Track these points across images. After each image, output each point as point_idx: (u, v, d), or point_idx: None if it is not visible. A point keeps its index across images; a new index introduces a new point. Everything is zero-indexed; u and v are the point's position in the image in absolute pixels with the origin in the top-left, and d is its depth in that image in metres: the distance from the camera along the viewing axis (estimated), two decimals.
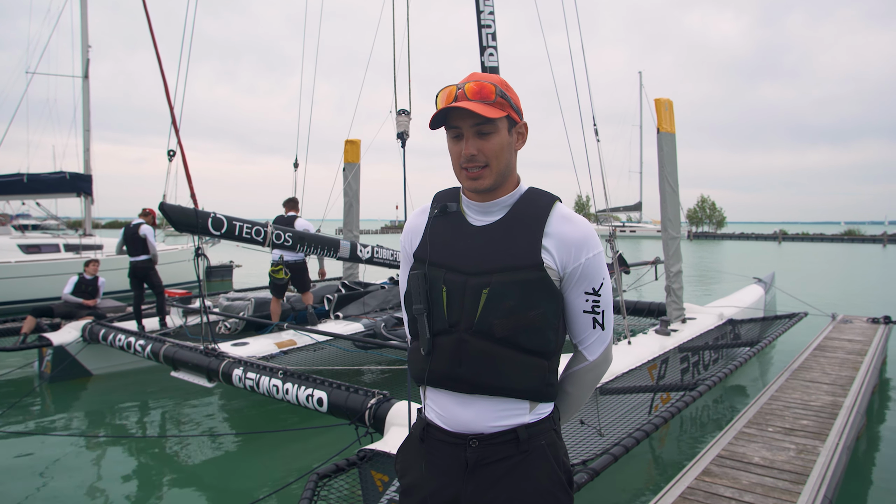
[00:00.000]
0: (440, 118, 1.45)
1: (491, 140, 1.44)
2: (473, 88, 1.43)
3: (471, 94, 1.42)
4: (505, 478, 1.44)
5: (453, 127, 1.46)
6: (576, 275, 1.46)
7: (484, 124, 1.43)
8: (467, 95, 1.43)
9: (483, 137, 1.44)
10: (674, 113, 7.03)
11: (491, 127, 1.43)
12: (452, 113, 1.43)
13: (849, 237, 54.92)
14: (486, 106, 1.42)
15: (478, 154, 1.43)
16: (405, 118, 3.38)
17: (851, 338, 7.22)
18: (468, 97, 1.42)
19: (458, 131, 1.45)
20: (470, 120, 1.43)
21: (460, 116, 1.43)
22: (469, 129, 1.44)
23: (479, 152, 1.44)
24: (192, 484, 4.58)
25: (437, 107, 1.47)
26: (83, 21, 15.40)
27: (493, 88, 1.43)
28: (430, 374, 1.49)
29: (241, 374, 5.12)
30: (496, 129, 1.44)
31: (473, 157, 1.44)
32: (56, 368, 6.96)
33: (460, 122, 1.44)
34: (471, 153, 1.43)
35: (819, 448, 3.79)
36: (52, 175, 14.34)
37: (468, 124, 1.43)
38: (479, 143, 1.43)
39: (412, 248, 1.59)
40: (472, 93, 1.43)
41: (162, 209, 6.10)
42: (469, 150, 1.43)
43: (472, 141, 1.43)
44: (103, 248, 14.00)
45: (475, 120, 1.42)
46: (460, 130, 1.45)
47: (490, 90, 1.43)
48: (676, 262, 7.20)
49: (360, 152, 10.20)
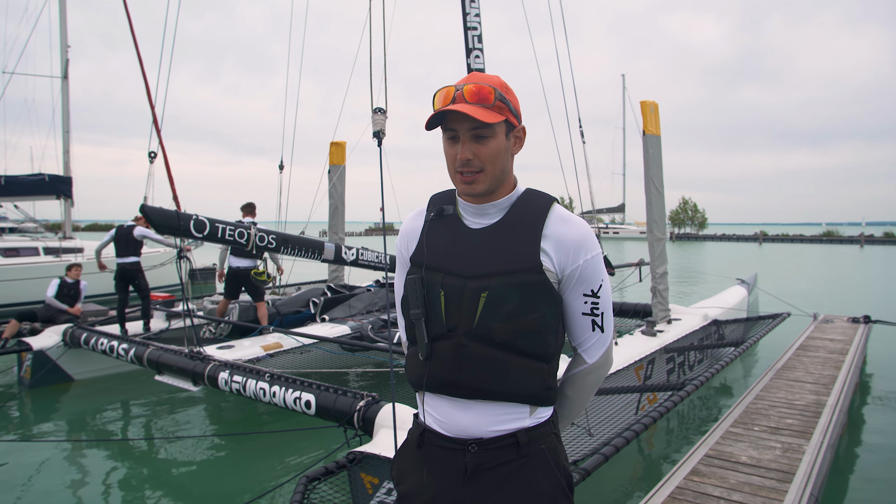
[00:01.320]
0: (436, 119, 1.41)
1: (487, 145, 1.40)
2: (472, 90, 1.39)
3: (469, 97, 1.38)
4: (505, 483, 1.41)
5: (449, 129, 1.42)
6: (574, 277, 1.43)
7: (481, 129, 1.39)
8: (465, 97, 1.38)
9: (479, 142, 1.40)
10: (659, 115, 7.10)
11: (488, 131, 1.39)
12: (449, 115, 1.40)
13: (827, 238, 55.85)
14: (483, 110, 1.38)
15: (473, 159, 1.40)
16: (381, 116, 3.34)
17: (833, 337, 7.34)
18: (466, 99, 1.38)
19: (454, 133, 1.41)
20: (467, 123, 1.39)
21: (457, 119, 1.39)
22: (466, 132, 1.40)
23: (475, 157, 1.40)
24: (179, 489, 4.51)
25: (434, 107, 1.43)
26: (62, 21, 15.16)
27: (492, 91, 1.39)
28: (429, 380, 1.46)
29: (228, 377, 5.06)
30: (493, 133, 1.40)
31: (469, 161, 1.40)
32: (36, 374, 6.83)
33: (457, 124, 1.40)
34: (466, 158, 1.40)
35: (804, 447, 3.84)
36: (31, 177, 14.09)
37: (465, 127, 1.39)
38: (475, 147, 1.40)
39: (409, 252, 1.56)
40: (471, 95, 1.38)
41: (143, 211, 6.03)
42: (465, 154, 1.40)
43: (468, 145, 1.40)
44: (84, 252, 13.79)
45: (472, 124, 1.38)
46: (456, 133, 1.41)
47: (489, 93, 1.39)
48: (662, 263, 7.26)
49: (345, 154, 10.16)
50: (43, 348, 6.91)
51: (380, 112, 3.25)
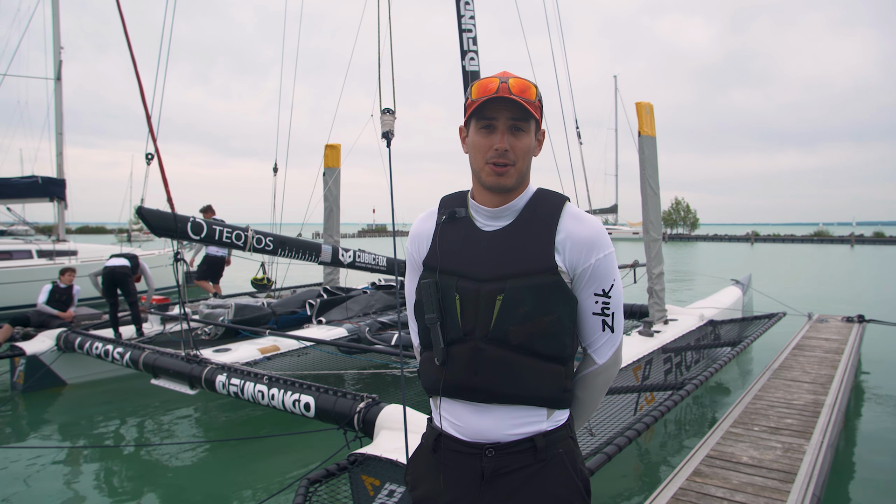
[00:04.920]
0: (479, 108, 1.40)
1: (523, 139, 1.42)
2: (519, 85, 1.40)
3: (515, 90, 1.39)
4: (522, 488, 1.40)
5: (486, 118, 1.41)
6: (586, 275, 1.43)
7: (521, 121, 1.40)
8: (511, 90, 1.39)
9: (516, 134, 1.41)
10: (654, 116, 7.12)
11: (526, 125, 1.41)
12: (490, 104, 1.39)
13: (818, 238, 56.20)
14: (528, 104, 1.40)
15: (510, 150, 1.40)
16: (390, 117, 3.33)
17: (828, 337, 7.37)
18: (512, 91, 1.39)
19: (490, 122, 1.41)
20: (508, 113, 1.39)
21: (499, 108, 1.39)
22: (505, 122, 1.40)
23: (511, 149, 1.41)
24: (177, 494, 4.47)
25: (473, 97, 1.42)
26: (55, 22, 15.06)
27: (535, 90, 1.41)
28: (445, 385, 1.45)
29: (225, 380, 5.02)
30: (529, 128, 1.42)
31: (506, 152, 1.40)
32: (29, 379, 6.76)
33: (497, 113, 1.40)
34: (504, 147, 1.40)
35: (805, 446, 3.85)
36: (24, 179, 13.97)
37: (505, 117, 1.40)
38: (512, 139, 1.41)
39: (420, 256, 1.55)
40: (517, 89, 1.39)
41: (140, 213, 5.99)
42: (503, 144, 1.40)
43: (506, 136, 1.40)
44: (77, 254, 13.68)
45: (514, 114, 1.39)
46: (494, 122, 1.41)
47: (533, 91, 1.41)
48: (658, 263, 7.27)
49: (340, 157, 10.13)
50: (36, 353, 6.84)
51: (388, 113, 3.24)
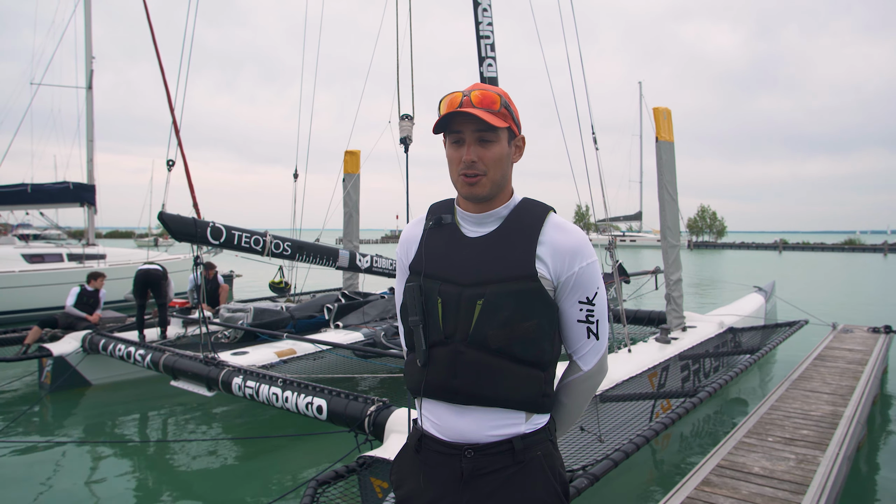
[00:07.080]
0: (444, 123, 1.46)
1: (491, 149, 1.44)
2: (479, 96, 1.44)
3: (476, 102, 1.43)
4: (500, 489, 1.43)
5: (455, 132, 1.46)
6: (569, 284, 1.46)
7: (486, 132, 1.43)
8: (473, 102, 1.43)
9: (484, 145, 1.44)
10: (672, 122, 7.07)
11: (493, 135, 1.44)
12: (456, 118, 1.44)
13: (849, 246, 54.87)
14: (490, 114, 1.43)
15: (478, 161, 1.44)
16: (408, 123, 3.38)
17: (852, 347, 7.21)
18: (473, 104, 1.43)
19: (459, 136, 1.45)
20: (473, 125, 1.43)
21: (464, 122, 1.44)
22: (471, 134, 1.44)
23: (479, 160, 1.44)
24: (192, 492, 4.57)
25: (441, 112, 1.47)
26: (87, 32, 15.52)
27: (497, 98, 1.45)
28: (427, 385, 1.49)
29: (241, 382, 5.12)
30: (497, 138, 1.45)
31: (473, 163, 1.44)
32: (56, 379, 6.96)
33: (463, 127, 1.44)
34: (471, 159, 1.44)
35: (819, 458, 3.78)
36: (56, 185, 14.40)
37: (470, 129, 1.44)
38: (480, 150, 1.44)
39: (408, 260, 1.60)
40: (478, 100, 1.43)
41: (161, 219, 6.14)
42: (469, 156, 1.44)
43: (473, 147, 1.44)
44: (106, 258, 14.04)
45: (478, 126, 1.43)
46: (462, 136, 1.45)
47: (494, 99, 1.44)
48: (676, 270, 7.20)
49: (359, 163, 10.24)
50: (63, 354, 7.04)
51: (407, 118, 3.29)
